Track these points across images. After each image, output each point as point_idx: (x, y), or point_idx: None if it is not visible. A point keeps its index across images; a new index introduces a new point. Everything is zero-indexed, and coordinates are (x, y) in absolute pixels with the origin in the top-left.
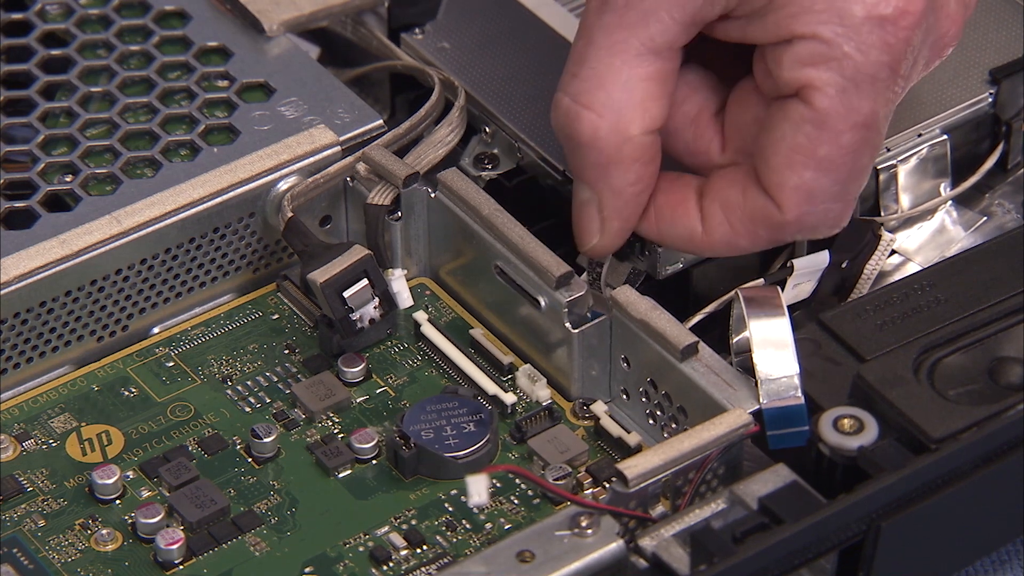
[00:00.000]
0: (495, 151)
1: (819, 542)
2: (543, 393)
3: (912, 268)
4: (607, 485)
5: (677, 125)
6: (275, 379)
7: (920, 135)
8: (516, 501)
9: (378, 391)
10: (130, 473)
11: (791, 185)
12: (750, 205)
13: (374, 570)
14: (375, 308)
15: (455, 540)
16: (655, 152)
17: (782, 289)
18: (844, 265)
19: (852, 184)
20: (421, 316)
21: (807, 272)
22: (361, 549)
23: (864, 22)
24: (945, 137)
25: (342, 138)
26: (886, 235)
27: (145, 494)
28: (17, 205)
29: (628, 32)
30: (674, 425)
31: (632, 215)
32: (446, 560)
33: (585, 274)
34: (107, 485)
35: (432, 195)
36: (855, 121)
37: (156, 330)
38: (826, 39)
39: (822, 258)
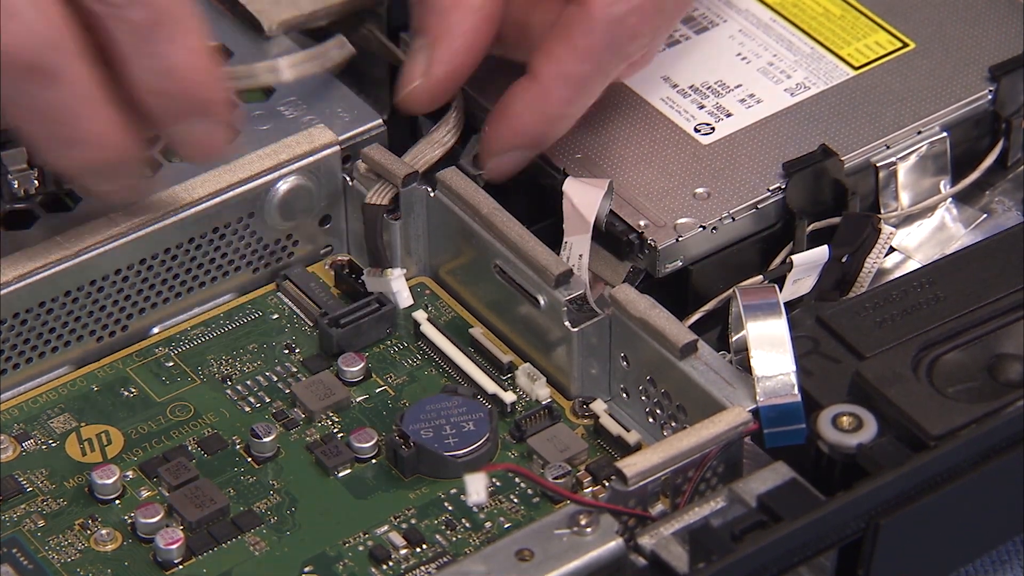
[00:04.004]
0: None
1: (818, 540)
2: (542, 392)
3: (912, 266)
4: (606, 483)
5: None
6: (275, 379)
7: (920, 132)
8: (515, 500)
9: (378, 391)
10: (130, 473)
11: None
12: None
13: (374, 569)
14: None
15: (455, 539)
16: (496, 10)
17: (781, 286)
18: (844, 260)
19: None
20: (421, 315)
21: (807, 268)
22: (361, 548)
23: None
24: (945, 134)
25: (341, 137)
26: (886, 228)
27: (145, 494)
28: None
29: None
30: (673, 423)
31: (458, 67)
32: (446, 559)
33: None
34: (107, 485)
35: (431, 194)
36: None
37: (156, 330)
38: None
39: (821, 253)
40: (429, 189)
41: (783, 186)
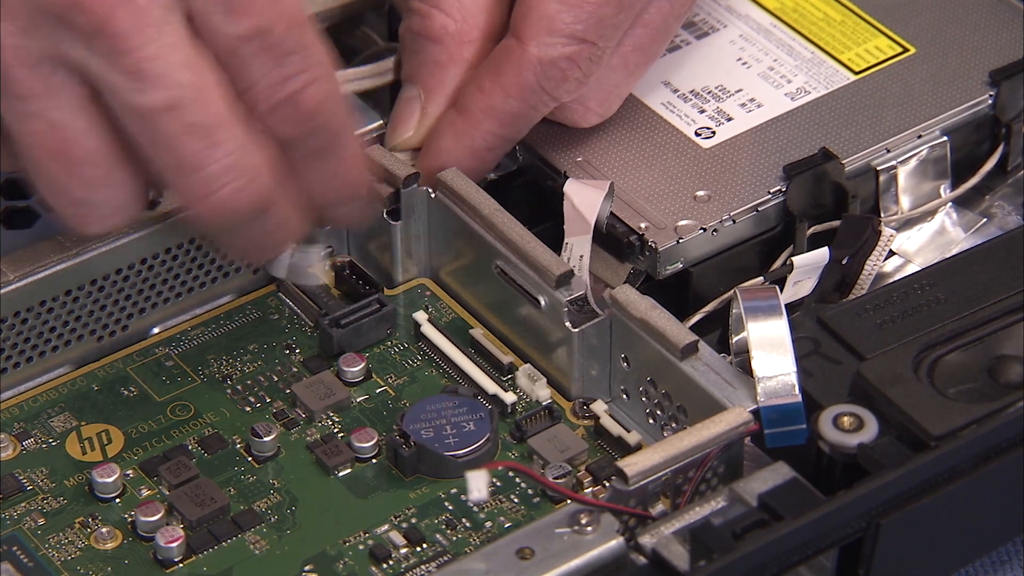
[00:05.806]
0: None
1: (818, 539)
2: (543, 392)
3: (912, 269)
4: (607, 484)
5: None
6: (275, 379)
7: (920, 136)
8: (516, 499)
9: (378, 391)
10: (130, 472)
11: (535, 14)
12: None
13: (374, 568)
14: None
15: (455, 538)
16: (483, 59)
17: (782, 287)
18: (844, 262)
19: (593, 27)
20: (421, 316)
21: (807, 269)
22: (361, 547)
23: None
24: (945, 139)
25: None
26: (886, 231)
27: (145, 493)
28: (17, 205)
29: None
30: (674, 424)
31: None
32: (446, 558)
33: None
34: (107, 484)
35: (432, 195)
36: None
37: (156, 330)
38: None
39: (822, 255)
40: (430, 190)
41: (784, 189)
